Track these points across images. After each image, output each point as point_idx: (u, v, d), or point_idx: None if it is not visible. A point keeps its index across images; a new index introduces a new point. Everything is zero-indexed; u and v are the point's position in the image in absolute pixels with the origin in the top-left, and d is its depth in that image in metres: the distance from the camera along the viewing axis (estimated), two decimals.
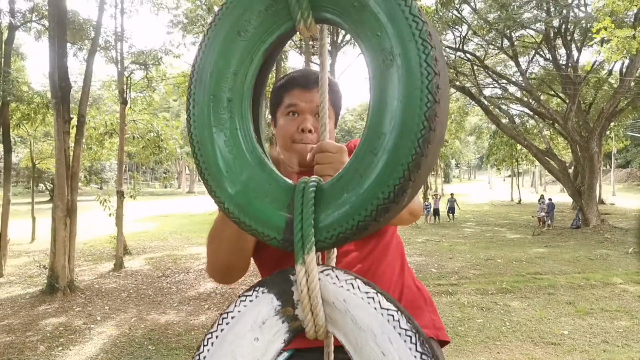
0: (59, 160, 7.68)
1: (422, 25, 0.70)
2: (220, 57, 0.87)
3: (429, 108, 0.68)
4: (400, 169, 0.70)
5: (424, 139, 0.69)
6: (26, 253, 12.59)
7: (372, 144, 0.74)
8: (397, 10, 0.72)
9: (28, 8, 10.81)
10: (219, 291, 8.30)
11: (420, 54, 0.69)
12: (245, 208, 0.85)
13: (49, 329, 6.45)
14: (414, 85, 0.69)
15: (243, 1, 0.86)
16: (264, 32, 0.86)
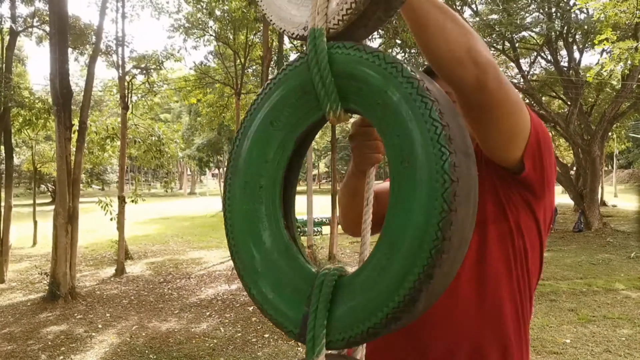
0: (60, 167, 7.68)
1: (442, 129, 0.69)
2: (253, 146, 0.91)
3: (443, 218, 0.66)
4: (411, 278, 0.68)
5: (437, 249, 0.67)
6: (28, 258, 12.60)
7: (385, 248, 0.73)
8: (417, 112, 0.71)
9: (29, 13, 10.81)
10: (220, 297, 8.30)
11: (437, 159, 0.68)
12: (267, 297, 0.86)
13: (51, 337, 6.45)
14: (429, 193, 0.68)
15: (276, 93, 0.90)
16: (295, 122, 0.89)
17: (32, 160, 15.32)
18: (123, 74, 10.29)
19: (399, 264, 0.70)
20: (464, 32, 0.95)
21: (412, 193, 0.71)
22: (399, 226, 0.72)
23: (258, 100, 0.93)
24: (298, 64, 0.87)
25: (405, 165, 0.72)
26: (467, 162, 0.71)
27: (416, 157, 0.71)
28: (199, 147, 25.54)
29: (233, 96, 14.52)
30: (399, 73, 0.74)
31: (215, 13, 12.65)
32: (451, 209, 0.67)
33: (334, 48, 0.82)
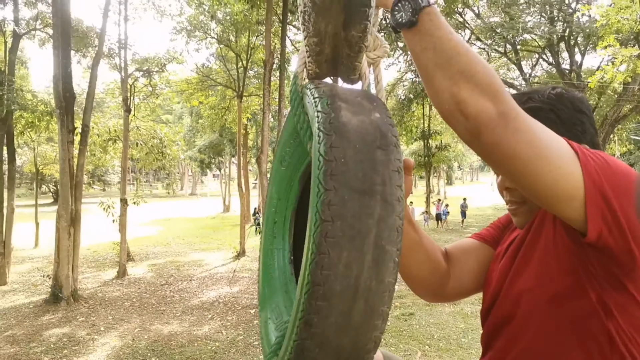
0: (62, 170, 7.71)
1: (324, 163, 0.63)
2: (271, 184, 1.00)
3: (312, 260, 0.60)
4: (296, 324, 0.64)
5: (309, 294, 0.61)
6: (30, 259, 12.63)
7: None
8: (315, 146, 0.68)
9: (32, 16, 10.85)
10: (222, 300, 8.31)
11: (314, 197, 0.63)
12: (264, 325, 0.92)
13: (53, 339, 6.47)
14: (308, 232, 0.63)
15: (283, 134, 0.95)
16: (297, 161, 0.95)
17: (34, 162, 15.37)
18: (125, 77, 10.32)
19: (294, 307, 0.66)
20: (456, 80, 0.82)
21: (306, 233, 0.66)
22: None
23: (277, 141, 1.01)
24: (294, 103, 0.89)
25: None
26: (362, 200, 0.62)
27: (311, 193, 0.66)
28: (201, 148, 25.58)
29: (235, 98, 14.55)
30: (315, 107, 0.70)
31: (217, 16, 12.68)
32: (320, 251, 0.60)
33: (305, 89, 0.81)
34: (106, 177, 40.32)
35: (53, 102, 9.99)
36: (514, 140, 0.81)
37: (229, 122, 17.29)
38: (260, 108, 16.85)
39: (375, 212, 0.63)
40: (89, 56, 11.12)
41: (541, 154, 0.82)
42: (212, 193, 49.24)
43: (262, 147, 7.75)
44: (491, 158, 0.85)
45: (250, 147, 22.88)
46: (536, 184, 0.84)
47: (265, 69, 8.56)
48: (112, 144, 12.88)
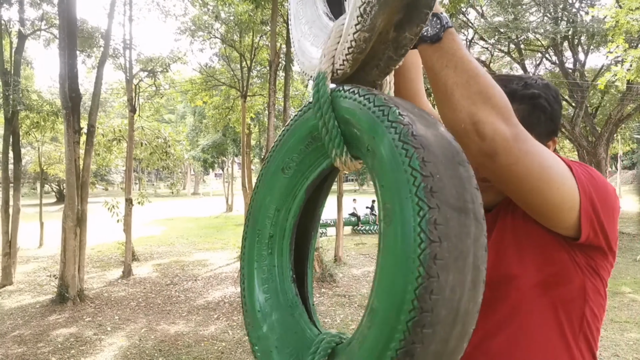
0: (69, 171, 7.73)
1: (421, 180, 0.59)
2: (266, 194, 0.89)
3: (420, 284, 0.56)
4: (387, 354, 0.59)
5: (414, 322, 0.56)
6: (35, 259, 12.66)
7: (368, 314, 0.66)
8: (397, 160, 0.62)
9: (37, 16, 10.87)
10: (227, 300, 8.34)
11: (414, 216, 0.58)
12: (267, 356, 0.84)
13: (60, 339, 6.49)
14: (405, 254, 0.58)
15: (288, 140, 0.88)
16: (305, 169, 0.87)
17: (39, 161, 15.40)
18: (130, 77, 10.35)
19: (377, 335, 0.62)
20: (474, 101, 0.86)
21: (390, 254, 0.62)
22: (379, 291, 0.63)
23: (274, 147, 0.90)
24: (307, 109, 0.84)
25: (387, 221, 0.63)
26: (460, 219, 0.60)
27: (395, 212, 0.62)
28: (204, 148, 25.61)
29: (239, 98, 14.57)
30: (385, 117, 0.66)
31: (221, 16, 12.69)
32: (430, 274, 0.56)
33: (337, 92, 0.78)
34: (109, 177, 40.40)
35: (58, 102, 10.04)
36: (528, 161, 0.88)
37: (232, 122, 17.30)
38: (263, 108, 16.88)
39: (471, 231, 0.61)
40: (94, 56, 11.14)
41: (551, 173, 0.92)
42: (214, 192, 49.30)
43: (268, 147, 7.75)
44: (503, 179, 0.91)
45: (252, 146, 22.89)
46: (544, 200, 0.94)
47: (270, 69, 8.56)
48: (116, 143, 12.90)
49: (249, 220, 0.91)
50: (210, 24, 13.09)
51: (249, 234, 0.91)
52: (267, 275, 0.88)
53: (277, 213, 0.88)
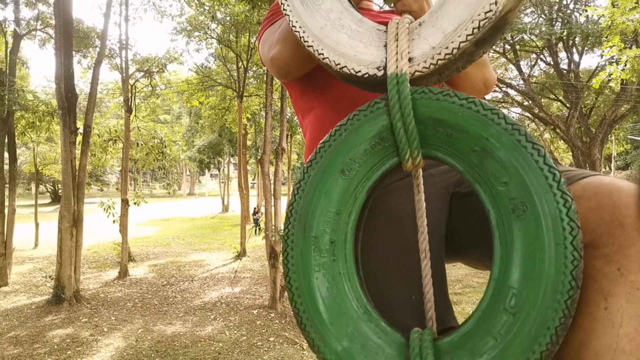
0: (65, 171, 7.71)
1: (560, 176, 0.67)
2: (322, 197, 0.84)
3: (575, 266, 0.64)
4: (547, 333, 0.64)
5: (572, 299, 0.64)
6: (30, 260, 12.61)
7: (504, 302, 0.68)
8: (530, 159, 0.69)
9: (33, 16, 10.83)
10: (224, 300, 8.33)
11: (560, 207, 0.66)
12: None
13: (56, 340, 6.47)
14: (557, 241, 0.65)
15: (349, 141, 0.84)
16: (369, 170, 0.84)
17: (34, 162, 15.34)
18: (126, 77, 10.32)
19: (531, 318, 0.65)
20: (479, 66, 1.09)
21: (532, 243, 0.67)
22: (524, 278, 0.67)
23: (325, 147, 0.86)
24: (374, 109, 0.82)
25: (520, 212, 0.69)
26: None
27: (534, 204, 0.68)
28: (200, 148, 25.56)
29: (235, 99, 14.55)
30: (501, 120, 0.72)
31: (217, 16, 12.67)
32: (581, 256, 0.65)
33: (417, 93, 0.79)
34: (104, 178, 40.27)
35: (53, 102, 10.00)
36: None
37: (228, 123, 17.29)
38: (260, 108, 16.87)
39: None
40: (90, 56, 11.11)
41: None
42: (210, 193, 49.20)
43: (265, 148, 7.75)
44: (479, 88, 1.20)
45: (248, 147, 22.88)
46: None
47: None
48: (112, 144, 12.87)
49: (297, 228, 0.84)
50: (206, 25, 13.07)
51: (299, 243, 0.83)
52: (334, 285, 0.81)
53: (337, 217, 0.83)
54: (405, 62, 0.81)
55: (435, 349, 0.73)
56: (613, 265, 0.81)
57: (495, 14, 0.73)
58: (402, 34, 0.83)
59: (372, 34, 0.88)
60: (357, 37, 0.88)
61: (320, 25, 0.90)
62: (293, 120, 19.64)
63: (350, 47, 0.87)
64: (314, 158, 0.86)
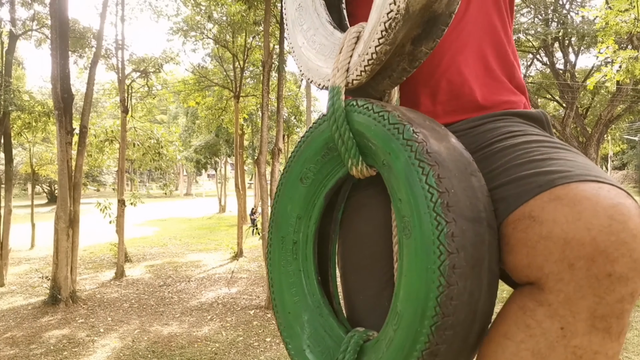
0: (61, 172, 7.69)
1: (438, 196, 0.64)
2: (287, 202, 0.94)
3: (441, 293, 0.62)
4: (414, 354, 0.65)
5: (437, 326, 0.62)
6: (26, 260, 12.58)
7: (393, 319, 0.71)
8: (414, 177, 0.67)
9: (28, 16, 10.80)
10: (220, 301, 8.33)
11: (433, 229, 0.63)
12: (301, 354, 0.88)
13: (53, 341, 6.46)
14: (426, 265, 0.64)
15: (305, 151, 0.92)
16: (323, 178, 0.91)
17: (30, 162, 15.30)
18: (123, 77, 10.31)
19: (403, 337, 0.67)
20: None
21: (412, 264, 0.67)
22: (403, 298, 0.68)
23: (292, 158, 0.95)
24: (322, 121, 0.88)
25: (407, 233, 0.69)
26: (474, 229, 0.65)
27: (414, 225, 0.67)
28: (197, 149, 25.54)
29: (232, 99, 14.55)
30: (400, 135, 0.71)
31: (214, 16, 12.66)
32: (450, 283, 0.62)
33: (350, 106, 0.82)
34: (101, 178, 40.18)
35: (50, 102, 9.98)
36: None
37: (225, 123, 17.27)
38: (256, 108, 16.86)
39: (485, 239, 0.66)
40: (86, 57, 11.08)
41: None
42: (207, 193, 49.18)
43: (261, 148, 7.75)
44: None
45: (245, 147, 22.86)
46: None
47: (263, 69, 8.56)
48: (108, 144, 12.84)
49: (273, 228, 0.96)
50: (202, 25, 13.06)
51: (273, 241, 0.96)
52: (294, 279, 0.93)
53: (298, 221, 0.93)
54: (341, 74, 0.84)
55: (362, 349, 0.79)
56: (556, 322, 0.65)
57: (399, 13, 0.71)
58: (346, 46, 0.85)
59: (334, 46, 0.92)
60: (322, 51, 0.94)
61: (300, 44, 0.99)
62: (290, 121, 19.66)
63: (316, 61, 0.94)
64: (286, 167, 0.96)
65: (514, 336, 0.69)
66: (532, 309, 0.68)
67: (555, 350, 0.65)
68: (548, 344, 0.66)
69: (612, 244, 0.61)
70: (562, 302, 0.64)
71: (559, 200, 0.66)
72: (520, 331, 0.69)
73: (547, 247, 0.65)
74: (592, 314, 0.63)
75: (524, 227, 0.69)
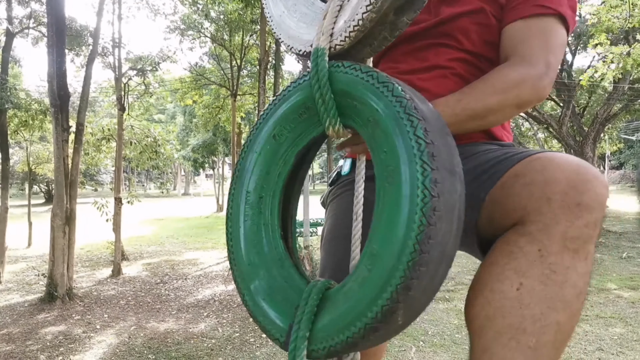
0: (57, 169, 7.70)
1: (425, 146, 0.71)
2: (257, 158, 0.96)
3: (421, 231, 0.68)
4: (389, 289, 0.69)
5: (414, 262, 0.68)
6: (23, 259, 12.58)
7: (367, 260, 0.75)
8: (403, 129, 0.73)
9: (25, 14, 10.81)
10: (217, 298, 8.34)
11: (418, 176, 0.70)
12: (258, 304, 0.88)
13: (49, 337, 6.47)
14: (410, 207, 0.69)
15: (280, 109, 0.94)
16: (297, 136, 0.94)
17: (27, 161, 15.29)
18: (119, 76, 10.32)
19: (378, 275, 0.71)
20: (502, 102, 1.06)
21: (393, 208, 0.72)
22: (381, 240, 0.73)
23: (264, 115, 0.97)
24: (302, 81, 0.91)
25: (390, 180, 0.74)
26: (451, 179, 0.72)
27: (400, 173, 0.72)
28: (194, 148, 25.54)
29: (229, 97, 14.57)
30: (389, 92, 0.76)
31: (211, 15, 12.68)
32: (430, 223, 0.68)
33: (334, 67, 0.85)
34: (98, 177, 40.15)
35: (46, 100, 9.98)
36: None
37: (222, 121, 17.28)
38: (254, 107, 16.87)
39: (458, 188, 0.74)
40: (83, 55, 11.09)
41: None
42: (205, 193, 49.15)
43: None
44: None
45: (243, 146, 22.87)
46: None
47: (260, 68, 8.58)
48: (105, 143, 12.85)
49: (236, 184, 0.97)
50: (200, 23, 13.08)
51: (236, 196, 0.96)
52: (256, 233, 0.93)
53: (267, 176, 0.95)
54: (326, 37, 0.88)
55: (325, 294, 0.82)
56: (535, 245, 0.82)
57: None
58: (330, 12, 0.90)
59: (316, 14, 0.97)
60: (303, 19, 0.98)
61: (279, 13, 1.02)
62: None
63: (297, 29, 0.98)
64: (255, 125, 0.99)
65: (499, 261, 0.87)
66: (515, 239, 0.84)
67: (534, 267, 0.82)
68: (528, 263, 0.82)
69: (581, 182, 0.81)
70: (541, 229, 0.81)
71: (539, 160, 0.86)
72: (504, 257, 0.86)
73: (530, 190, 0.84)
74: (564, 237, 0.81)
75: (511, 184, 0.90)
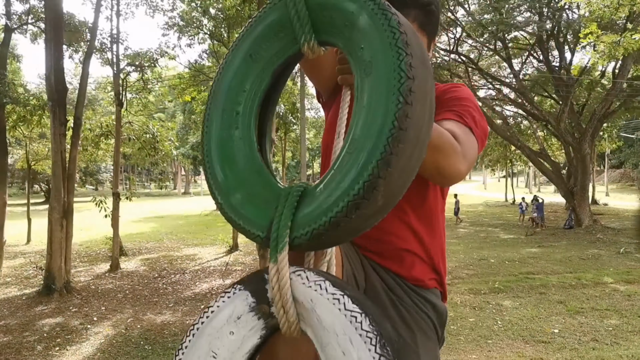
0: (55, 163, 7.73)
1: (399, 35, 0.75)
2: (233, 77, 0.99)
3: (399, 109, 0.71)
4: (369, 166, 0.72)
5: (394, 137, 0.71)
6: (22, 254, 12.62)
7: (348, 147, 0.78)
8: (378, 23, 0.78)
9: (24, 10, 10.83)
10: (214, 292, 8.37)
11: (394, 60, 0.74)
12: (237, 209, 0.91)
13: (46, 329, 6.50)
14: (387, 89, 0.74)
15: (256, 28, 0.97)
16: (273, 55, 0.96)
17: (26, 158, 15.32)
18: (118, 71, 10.34)
19: (359, 154, 0.75)
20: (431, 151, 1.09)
21: (372, 95, 0.76)
22: (362, 125, 0.76)
23: (240, 36, 1.00)
24: (277, 1, 0.94)
25: (368, 72, 0.78)
26: (424, 69, 0.77)
27: (377, 61, 0.76)
28: (194, 145, 25.56)
29: None
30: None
31: (210, 11, 12.70)
32: (407, 101, 0.71)
33: None
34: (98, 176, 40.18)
35: (44, 96, 10.01)
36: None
37: None
38: None
39: (429, 78, 0.79)
40: (81, 50, 11.11)
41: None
42: (205, 192, 49.10)
43: None
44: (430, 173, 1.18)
45: None
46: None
47: None
48: (104, 139, 12.87)
49: (212, 103, 0.99)
50: (198, 20, 13.10)
51: (212, 115, 0.99)
52: (233, 147, 0.96)
53: (243, 93, 0.98)
54: None
55: (304, 192, 0.85)
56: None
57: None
58: None
59: None
60: None
61: None
62: (286, 117, 19.69)
63: None
64: (232, 46, 1.02)
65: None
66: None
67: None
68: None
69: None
70: None
71: None
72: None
73: None
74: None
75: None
